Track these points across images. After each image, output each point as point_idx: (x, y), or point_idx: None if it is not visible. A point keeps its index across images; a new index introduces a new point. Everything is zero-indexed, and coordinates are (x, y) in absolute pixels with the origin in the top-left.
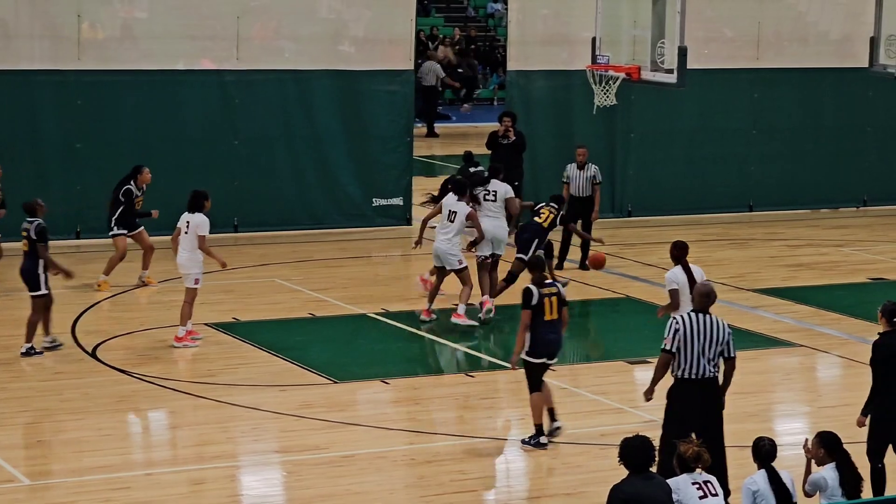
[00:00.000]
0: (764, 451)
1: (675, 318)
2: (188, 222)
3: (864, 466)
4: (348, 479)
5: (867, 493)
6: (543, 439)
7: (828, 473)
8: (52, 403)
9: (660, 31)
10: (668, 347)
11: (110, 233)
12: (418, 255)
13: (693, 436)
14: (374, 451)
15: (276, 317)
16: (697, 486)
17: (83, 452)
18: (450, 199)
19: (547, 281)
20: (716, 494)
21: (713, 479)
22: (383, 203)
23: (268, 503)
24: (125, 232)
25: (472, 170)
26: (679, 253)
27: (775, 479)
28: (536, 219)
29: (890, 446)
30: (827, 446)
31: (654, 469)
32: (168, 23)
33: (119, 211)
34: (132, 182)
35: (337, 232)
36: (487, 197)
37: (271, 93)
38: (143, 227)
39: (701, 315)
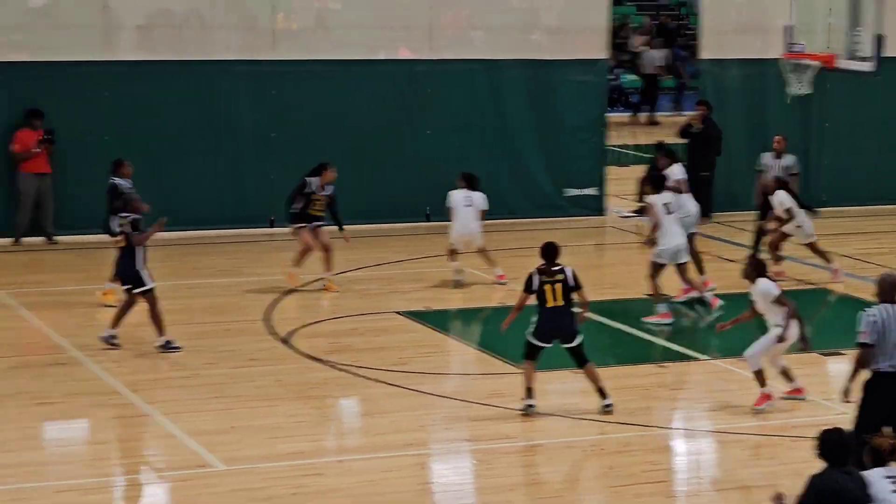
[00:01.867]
0: None
1: (867, 310)
2: (471, 198)
3: None
4: (537, 468)
5: None
6: (531, 401)
7: None
8: (246, 390)
9: (855, 18)
10: (865, 340)
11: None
12: (612, 244)
13: (890, 429)
14: (563, 440)
15: (467, 305)
16: (891, 480)
17: (276, 439)
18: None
19: (555, 268)
20: None
21: None
22: (576, 193)
23: (457, 491)
24: (304, 225)
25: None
26: (760, 269)
27: None
28: None
29: None
30: None
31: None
32: (361, 13)
33: (300, 205)
34: (317, 178)
35: (527, 222)
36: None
37: (462, 83)
38: (320, 225)
39: (894, 307)
